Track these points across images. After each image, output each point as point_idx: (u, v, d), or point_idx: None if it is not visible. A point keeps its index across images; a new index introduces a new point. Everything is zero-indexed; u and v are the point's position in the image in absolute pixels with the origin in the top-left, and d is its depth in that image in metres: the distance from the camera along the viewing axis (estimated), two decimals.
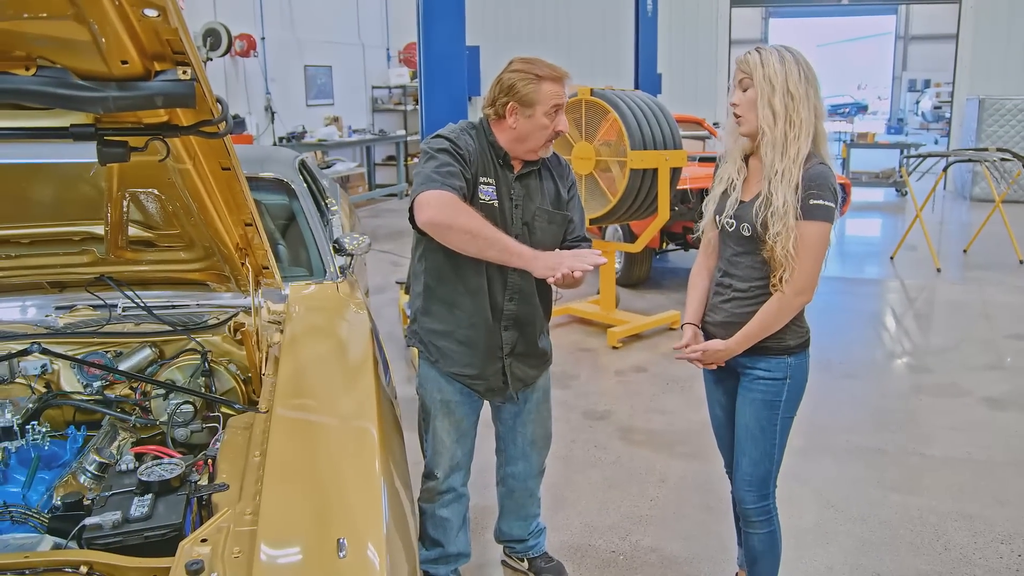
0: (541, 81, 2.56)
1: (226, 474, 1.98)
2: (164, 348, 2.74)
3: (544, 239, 2.71)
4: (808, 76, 2.40)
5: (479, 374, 2.78)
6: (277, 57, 12.05)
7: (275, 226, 3.73)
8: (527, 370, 2.87)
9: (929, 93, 29.06)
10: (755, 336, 2.50)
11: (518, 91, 2.56)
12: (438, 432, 2.85)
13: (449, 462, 2.88)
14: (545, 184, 2.77)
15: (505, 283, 2.71)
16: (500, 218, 2.63)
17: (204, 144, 1.96)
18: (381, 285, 7.36)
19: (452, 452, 2.87)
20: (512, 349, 2.79)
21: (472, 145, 2.62)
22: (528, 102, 2.56)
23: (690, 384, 5.32)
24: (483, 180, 2.63)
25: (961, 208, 12.66)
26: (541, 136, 2.61)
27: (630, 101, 6.10)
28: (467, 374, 2.78)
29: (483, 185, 2.62)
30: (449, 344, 2.75)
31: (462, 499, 2.98)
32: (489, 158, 2.66)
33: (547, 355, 2.96)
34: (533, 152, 2.66)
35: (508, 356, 2.79)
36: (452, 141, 2.57)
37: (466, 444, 2.91)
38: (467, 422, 2.89)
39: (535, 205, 2.71)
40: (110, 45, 1.46)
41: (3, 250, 2.53)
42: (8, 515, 2.03)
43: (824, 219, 2.39)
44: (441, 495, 2.91)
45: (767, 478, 2.64)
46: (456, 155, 2.53)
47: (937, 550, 3.41)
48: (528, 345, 2.84)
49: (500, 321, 2.74)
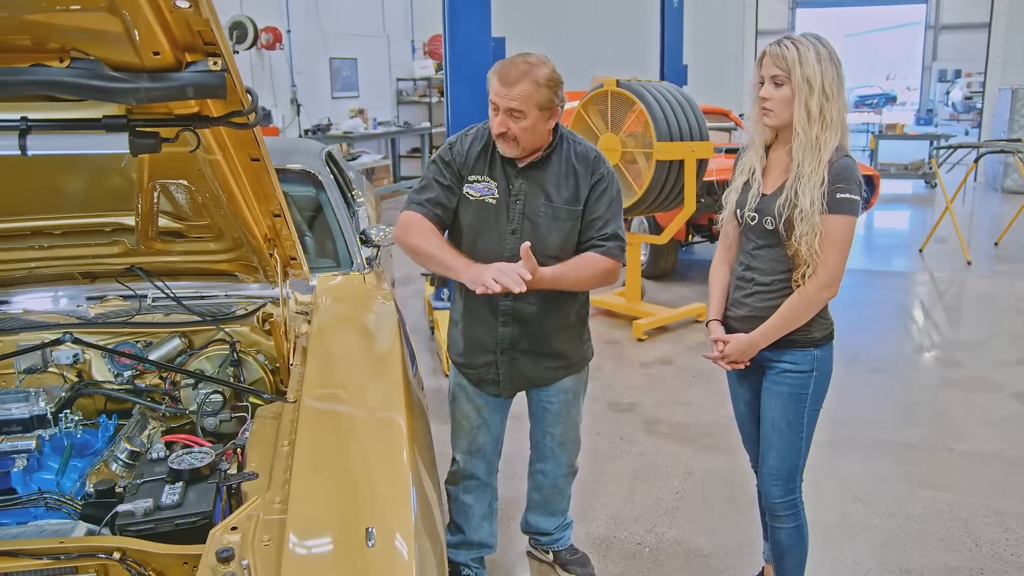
0: (493, 74, 2.56)
1: (255, 463, 1.99)
2: (193, 338, 2.77)
3: (549, 235, 2.64)
4: (839, 72, 2.36)
5: (467, 363, 2.85)
6: (303, 50, 12.09)
7: (302, 217, 3.75)
8: (539, 369, 2.82)
9: (960, 83, 28.57)
10: (779, 330, 2.48)
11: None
12: (456, 415, 2.94)
13: (467, 446, 2.92)
14: (561, 179, 2.66)
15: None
16: (495, 213, 2.65)
17: (234, 135, 1.97)
18: (406, 277, 7.38)
19: (471, 437, 2.91)
20: (512, 345, 2.76)
21: (471, 146, 2.68)
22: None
23: (716, 377, 5.29)
24: (473, 178, 2.66)
25: (992, 200, 12.47)
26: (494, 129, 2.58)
27: (656, 92, 6.07)
28: (460, 362, 2.89)
29: (474, 183, 2.66)
30: (455, 331, 2.89)
31: (487, 489, 2.99)
32: (493, 155, 2.66)
33: (568, 358, 2.87)
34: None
35: (505, 352, 2.76)
36: (450, 146, 2.71)
37: (487, 433, 2.92)
38: (488, 411, 2.89)
39: (540, 200, 2.65)
40: (142, 36, 1.47)
41: (36, 241, 2.56)
42: (43, 501, 2.06)
43: (850, 212, 2.36)
44: (464, 480, 2.95)
45: (794, 472, 2.62)
46: (442, 164, 2.68)
47: (967, 546, 3.37)
48: (537, 343, 2.77)
49: (496, 317, 2.73)
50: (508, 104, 2.49)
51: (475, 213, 2.66)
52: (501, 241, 2.65)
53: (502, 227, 2.65)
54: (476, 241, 2.67)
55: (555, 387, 2.91)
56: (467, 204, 2.67)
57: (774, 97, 2.39)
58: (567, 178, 2.67)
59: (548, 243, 2.63)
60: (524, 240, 2.51)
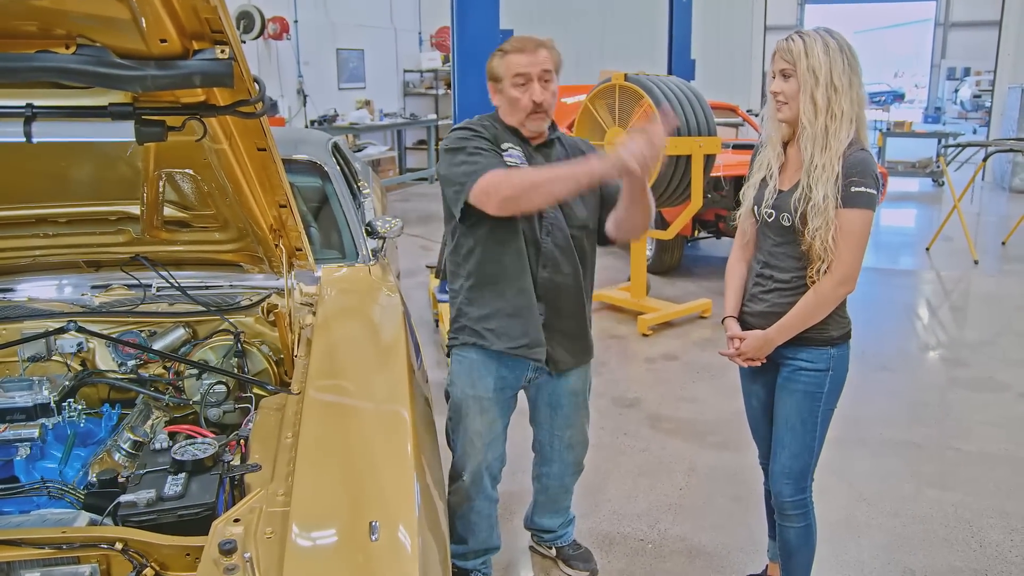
0: (506, 55, 2.59)
1: (258, 455, 1.98)
2: (197, 328, 2.76)
3: (577, 207, 2.69)
4: (852, 64, 2.33)
5: (533, 341, 2.70)
6: (310, 40, 12.06)
7: (308, 208, 3.74)
8: (563, 353, 2.80)
9: (969, 81, 28.46)
10: (795, 327, 2.46)
11: (489, 69, 2.64)
12: (469, 432, 2.79)
13: (477, 465, 2.81)
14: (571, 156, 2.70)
15: (541, 249, 2.67)
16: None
17: (240, 124, 1.96)
18: (411, 269, 7.36)
19: (483, 455, 2.80)
20: (547, 321, 2.72)
21: (489, 128, 2.67)
22: (496, 76, 2.62)
23: (721, 373, 5.27)
24: (508, 146, 2.64)
25: (1000, 199, 12.41)
26: (517, 108, 2.60)
27: (664, 87, 6.03)
28: (522, 344, 2.69)
29: (510, 150, 2.64)
30: (500, 322, 2.68)
31: (492, 503, 2.93)
32: (506, 136, 2.67)
33: (587, 343, 2.90)
34: (523, 126, 2.64)
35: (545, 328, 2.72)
36: (471, 128, 2.65)
37: (496, 448, 2.85)
38: (499, 424, 2.82)
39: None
40: (149, 23, 1.45)
41: (41, 229, 2.55)
42: (46, 490, 2.06)
43: (866, 206, 2.33)
44: (469, 499, 2.85)
45: (806, 471, 2.60)
46: (479, 136, 2.61)
47: (972, 547, 3.35)
48: (564, 320, 2.76)
49: (536, 290, 2.69)
50: (541, 67, 2.57)
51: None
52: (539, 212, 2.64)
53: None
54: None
55: (564, 388, 2.89)
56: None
57: (784, 90, 2.38)
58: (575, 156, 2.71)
59: (577, 215, 2.70)
60: (558, 209, 2.63)
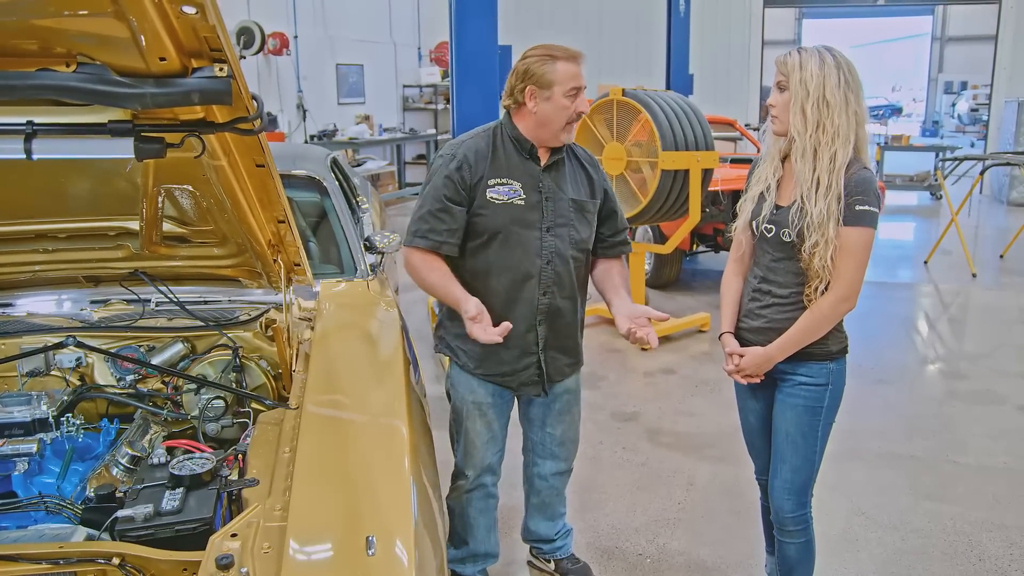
0: (556, 61, 2.56)
1: (256, 470, 1.99)
2: (196, 343, 2.77)
3: (580, 229, 2.73)
4: (849, 80, 2.34)
5: (511, 371, 2.77)
6: (309, 55, 12.13)
7: (307, 223, 3.75)
8: (560, 367, 2.85)
9: (966, 95, 28.58)
10: (796, 344, 2.46)
11: (534, 73, 2.57)
12: (469, 434, 2.85)
13: (480, 464, 2.88)
14: (577, 173, 2.77)
15: (540, 277, 2.69)
16: (526, 213, 2.65)
17: (239, 141, 1.97)
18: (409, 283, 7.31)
19: (483, 454, 2.87)
20: (546, 343, 2.77)
21: (480, 151, 2.65)
22: (545, 83, 2.56)
23: (719, 387, 5.27)
24: (495, 181, 2.63)
25: (998, 212, 12.44)
26: (562, 117, 2.59)
27: (662, 101, 6.07)
28: (500, 372, 2.77)
29: (497, 186, 2.63)
30: (476, 346, 2.66)
31: (491, 499, 2.98)
32: (511, 154, 2.66)
33: (580, 355, 2.94)
34: (555, 137, 2.64)
35: (543, 351, 2.77)
36: (454, 158, 2.63)
37: (496, 446, 2.91)
38: (498, 424, 2.88)
39: (567, 196, 2.70)
40: (149, 42, 1.47)
41: (40, 244, 2.57)
42: (43, 505, 2.06)
43: (869, 224, 2.34)
44: (470, 493, 2.91)
45: (807, 485, 2.60)
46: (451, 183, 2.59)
47: (971, 560, 3.35)
48: (561, 339, 2.81)
49: (535, 316, 2.72)
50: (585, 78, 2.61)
51: (504, 216, 2.63)
52: (539, 240, 2.66)
53: (537, 226, 2.66)
54: (508, 240, 2.65)
55: (560, 385, 2.91)
56: (492, 208, 2.62)
57: (777, 103, 2.40)
58: (580, 174, 2.78)
59: (580, 237, 2.73)
60: (559, 236, 2.65)
